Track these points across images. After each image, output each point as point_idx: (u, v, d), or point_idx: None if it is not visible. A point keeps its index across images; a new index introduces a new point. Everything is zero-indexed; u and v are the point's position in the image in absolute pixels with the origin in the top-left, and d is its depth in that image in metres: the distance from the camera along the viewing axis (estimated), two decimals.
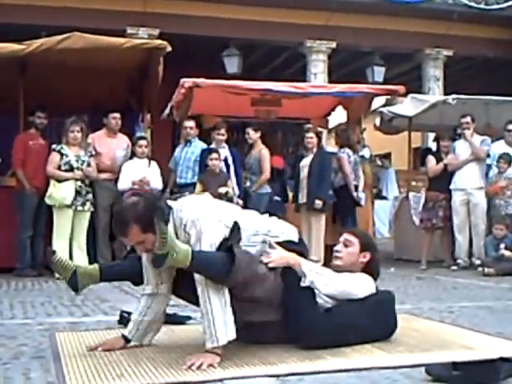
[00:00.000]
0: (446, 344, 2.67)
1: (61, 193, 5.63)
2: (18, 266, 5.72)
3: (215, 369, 2.25)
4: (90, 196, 5.81)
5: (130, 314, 3.19)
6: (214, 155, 6.17)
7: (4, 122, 6.54)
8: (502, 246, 6.08)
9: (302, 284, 2.55)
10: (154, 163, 6.15)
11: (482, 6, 11.46)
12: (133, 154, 6.09)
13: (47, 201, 5.66)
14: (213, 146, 6.47)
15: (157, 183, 6.07)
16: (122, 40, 6.34)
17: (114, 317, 3.33)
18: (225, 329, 2.33)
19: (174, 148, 7.15)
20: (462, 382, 2.10)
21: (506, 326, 3.15)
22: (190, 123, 6.51)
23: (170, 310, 3.39)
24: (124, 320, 3.17)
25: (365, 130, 9.28)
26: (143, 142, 6.09)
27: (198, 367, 2.25)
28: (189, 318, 3.27)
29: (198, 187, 6.08)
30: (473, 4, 11.39)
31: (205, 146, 6.47)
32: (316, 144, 6.57)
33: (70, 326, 3.20)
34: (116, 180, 6.05)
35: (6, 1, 9.51)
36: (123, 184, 5.90)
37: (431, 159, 6.89)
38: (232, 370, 2.24)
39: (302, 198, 6.49)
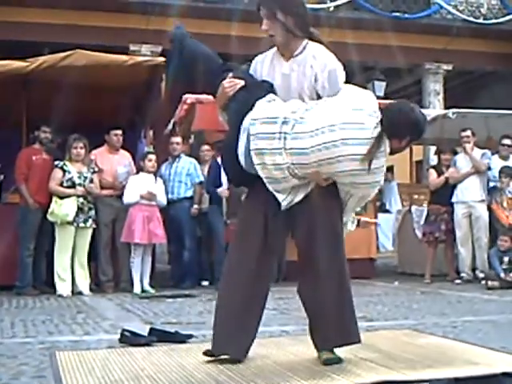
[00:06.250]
0: (449, 360, 2.65)
1: (63, 209, 5.64)
2: (18, 284, 5.70)
3: None
4: (92, 213, 5.82)
5: (131, 332, 3.18)
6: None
7: (6, 138, 6.57)
8: (506, 258, 6.06)
9: None
10: (159, 179, 6.18)
11: (480, 20, 11.56)
12: (138, 169, 6.11)
13: (49, 217, 5.66)
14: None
15: (162, 198, 6.09)
16: (124, 57, 6.39)
17: (115, 335, 3.31)
18: None
19: None
20: None
21: (510, 340, 3.13)
22: (177, 139, 6.61)
23: (171, 329, 3.39)
24: (125, 338, 3.16)
25: None
26: (153, 157, 6.13)
27: None
28: (190, 336, 3.25)
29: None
30: (472, 19, 11.49)
31: (193, 160, 6.53)
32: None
33: (72, 345, 3.18)
34: (118, 196, 6.06)
35: (9, 18, 9.64)
36: (130, 198, 5.91)
37: (432, 172, 6.91)
38: None
39: None
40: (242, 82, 2.66)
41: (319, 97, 2.59)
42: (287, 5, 2.60)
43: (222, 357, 2.59)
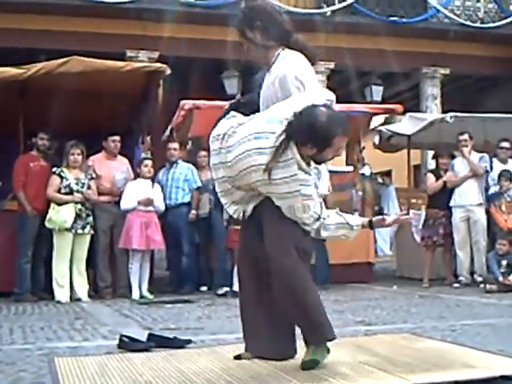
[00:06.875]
0: (447, 363, 2.65)
1: (60, 216, 5.64)
2: (16, 290, 5.69)
3: None
4: (90, 219, 5.81)
5: (129, 338, 3.18)
6: None
7: (4, 145, 6.57)
8: (504, 262, 6.07)
9: None
10: (156, 185, 6.18)
11: (477, 24, 11.59)
12: (136, 175, 6.12)
13: (47, 224, 5.66)
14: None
15: (160, 204, 6.09)
16: (121, 64, 6.40)
17: (113, 341, 3.31)
18: None
19: None
20: None
21: (509, 343, 3.13)
22: (174, 145, 6.61)
23: (170, 334, 3.39)
24: (124, 344, 3.16)
25: (364, 148, 9.32)
26: (149, 162, 6.13)
27: None
28: (189, 341, 3.25)
29: None
30: (469, 23, 11.52)
31: (191, 166, 6.52)
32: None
33: (70, 351, 3.17)
34: (116, 202, 6.06)
35: (5, 25, 9.64)
36: (127, 204, 5.91)
37: (430, 177, 6.92)
38: None
39: None
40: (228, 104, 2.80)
41: None
42: (251, 21, 2.68)
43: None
